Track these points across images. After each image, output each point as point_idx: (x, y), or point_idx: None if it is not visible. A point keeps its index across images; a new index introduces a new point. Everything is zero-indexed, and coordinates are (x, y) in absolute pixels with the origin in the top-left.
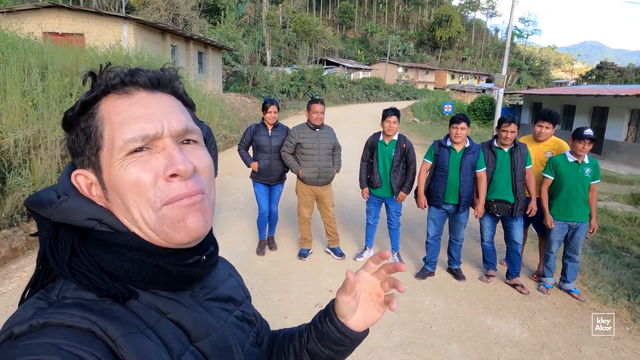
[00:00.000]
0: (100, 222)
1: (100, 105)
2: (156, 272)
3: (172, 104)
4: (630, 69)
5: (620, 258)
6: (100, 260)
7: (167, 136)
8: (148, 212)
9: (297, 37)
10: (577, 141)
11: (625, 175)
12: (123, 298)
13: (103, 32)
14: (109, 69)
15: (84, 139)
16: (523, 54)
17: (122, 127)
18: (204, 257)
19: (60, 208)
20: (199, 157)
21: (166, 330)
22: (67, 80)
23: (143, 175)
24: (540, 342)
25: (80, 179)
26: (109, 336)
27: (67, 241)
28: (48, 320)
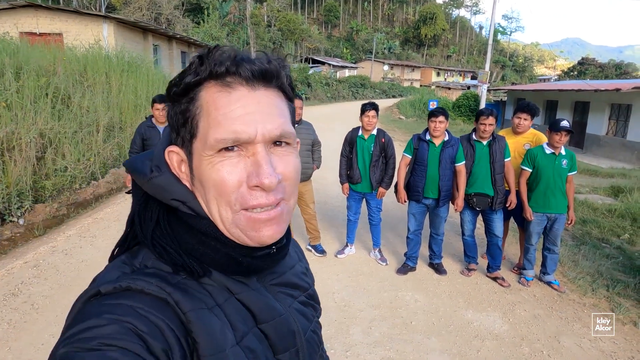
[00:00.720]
0: (184, 204)
1: (201, 91)
2: (227, 260)
3: (273, 104)
4: (610, 64)
5: (600, 249)
6: (179, 238)
7: (259, 142)
8: (226, 211)
9: (282, 36)
10: (554, 133)
11: (606, 168)
12: (197, 275)
13: (82, 31)
14: (216, 51)
15: (182, 121)
16: (507, 50)
17: (217, 125)
18: (274, 249)
19: (151, 183)
20: (287, 162)
21: (233, 309)
22: (43, 81)
23: (228, 178)
24: (519, 335)
25: (172, 155)
26: (180, 308)
27: (153, 213)
28: (130, 285)
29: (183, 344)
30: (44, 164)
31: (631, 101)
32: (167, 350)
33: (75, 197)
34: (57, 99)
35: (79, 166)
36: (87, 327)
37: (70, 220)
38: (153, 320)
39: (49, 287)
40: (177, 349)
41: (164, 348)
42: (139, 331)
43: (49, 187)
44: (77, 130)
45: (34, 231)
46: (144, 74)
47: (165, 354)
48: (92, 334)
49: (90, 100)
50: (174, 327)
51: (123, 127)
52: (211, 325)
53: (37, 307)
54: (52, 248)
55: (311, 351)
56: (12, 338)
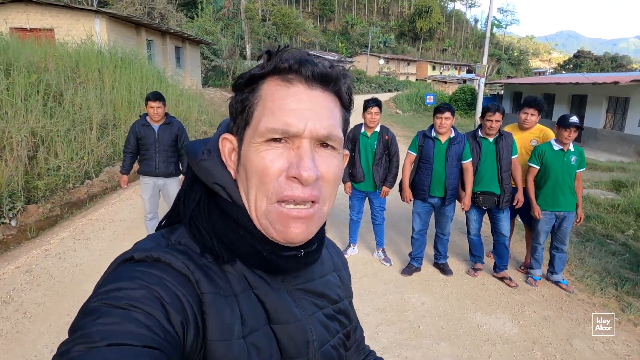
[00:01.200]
0: (224, 189)
1: (264, 84)
2: (253, 252)
3: (327, 105)
4: (606, 57)
5: (606, 246)
6: (214, 221)
7: (306, 137)
8: (262, 200)
9: (277, 30)
10: (562, 129)
11: (604, 162)
12: (222, 261)
13: (74, 26)
14: (285, 49)
15: (240, 109)
16: (502, 44)
17: (270, 115)
18: (302, 252)
19: (199, 165)
20: (329, 164)
21: (248, 303)
22: (34, 78)
23: (271, 166)
24: (530, 338)
25: (225, 142)
26: (200, 288)
27: (196, 194)
28: (160, 257)
29: (198, 321)
30: (36, 164)
31: (629, 94)
32: (184, 323)
33: (69, 197)
34: (48, 96)
35: (72, 165)
36: (118, 287)
37: (64, 221)
38: (177, 293)
39: (42, 294)
40: (192, 324)
41: (182, 321)
42: (164, 301)
43: (41, 187)
44: (69, 128)
45: (26, 233)
46: (137, 70)
47: (182, 326)
48: (122, 294)
49: (83, 97)
50: (193, 303)
51: (117, 125)
52: (223, 311)
53: (29, 315)
54: (45, 251)
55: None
56: (3, 350)
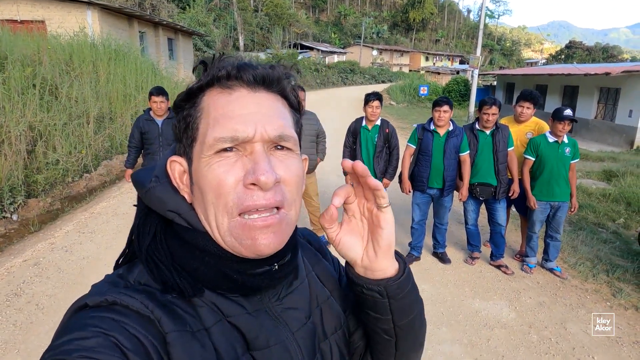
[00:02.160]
0: (180, 215)
1: (204, 96)
2: (219, 277)
3: (273, 106)
4: (597, 47)
5: (597, 234)
6: (174, 252)
7: (257, 141)
8: (223, 216)
9: (270, 21)
10: (557, 122)
11: (595, 152)
12: (187, 295)
13: (65, 18)
14: (221, 59)
15: (183, 127)
16: (495, 34)
17: (216, 124)
18: (276, 266)
19: (148, 194)
20: (287, 166)
21: (222, 334)
22: (29, 71)
23: (225, 177)
24: (527, 322)
25: (174, 165)
26: (162, 327)
27: (151, 226)
28: (116, 299)
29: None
30: (35, 158)
31: (619, 85)
32: None
33: (68, 191)
34: (44, 90)
35: (71, 159)
36: (70, 339)
37: (66, 215)
38: (138, 336)
39: (52, 286)
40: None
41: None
42: (122, 347)
43: (41, 181)
44: (67, 122)
45: (29, 227)
46: (132, 62)
47: None
48: (74, 345)
49: (79, 91)
50: (157, 345)
51: (113, 118)
52: (191, 349)
53: (42, 307)
54: (50, 245)
55: None
56: (20, 340)
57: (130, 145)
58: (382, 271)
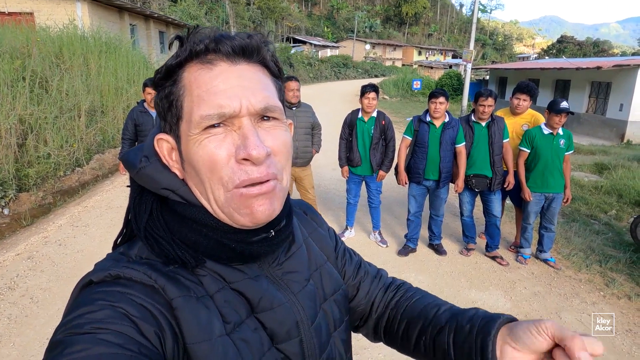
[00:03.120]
0: (174, 192)
1: (184, 72)
2: (219, 248)
3: (255, 78)
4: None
5: (590, 226)
6: (172, 227)
7: (244, 115)
8: (219, 190)
9: (262, 15)
10: (553, 114)
11: (587, 145)
12: (190, 266)
13: (54, 10)
14: (196, 32)
15: (167, 105)
16: (487, 29)
17: (200, 102)
18: (272, 233)
19: (140, 174)
20: (275, 136)
21: (226, 299)
22: (18, 63)
23: (217, 152)
24: (522, 312)
25: (162, 143)
26: (167, 294)
27: (147, 205)
28: (119, 273)
29: (174, 327)
30: (26, 151)
31: (610, 79)
32: (159, 333)
33: (60, 185)
34: (34, 83)
35: (63, 153)
36: (80, 314)
37: (58, 208)
38: (144, 304)
39: (47, 280)
40: (168, 332)
41: (156, 330)
42: (131, 315)
43: (32, 175)
44: (58, 115)
45: (21, 221)
46: (123, 55)
47: (157, 336)
48: (85, 319)
49: (69, 84)
50: (164, 311)
51: (105, 111)
52: (197, 313)
53: (36, 300)
54: (44, 239)
55: (321, 339)
56: (15, 333)
57: (124, 137)
58: None
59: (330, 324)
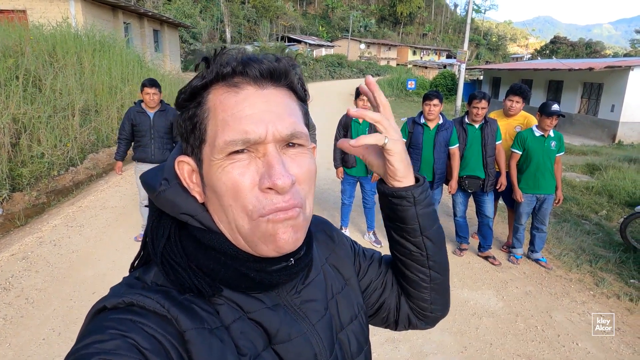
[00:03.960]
0: (194, 217)
1: (209, 94)
2: (237, 276)
3: (283, 102)
4: (580, 43)
5: (581, 226)
6: (190, 254)
7: (270, 142)
8: (243, 219)
9: (257, 13)
10: (545, 117)
11: (579, 146)
12: (206, 295)
13: (48, 8)
14: (222, 53)
15: (190, 127)
16: (481, 29)
17: (225, 127)
18: (292, 261)
19: (160, 198)
20: (300, 164)
21: (243, 330)
22: (11, 62)
23: (241, 179)
24: (514, 311)
25: (182, 165)
26: (180, 325)
27: (165, 229)
28: (133, 300)
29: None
30: (19, 151)
31: (602, 80)
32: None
33: (54, 185)
34: (27, 82)
35: (56, 152)
36: (89, 343)
37: (53, 208)
38: (156, 336)
39: (42, 280)
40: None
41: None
42: (141, 347)
43: (26, 174)
44: (51, 115)
45: (14, 221)
46: (117, 54)
47: None
48: (93, 349)
49: (63, 83)
50: (176, 344)
51: (99, 111)
52: (210, 347)
53: (32, 301)
54: (38, 239)
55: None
56: (11, 334)
57: (120, 137)
58: (406, 182)
59: (347, 354)
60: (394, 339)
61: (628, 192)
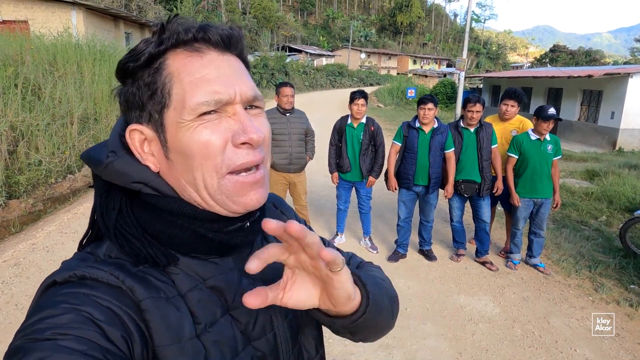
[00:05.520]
0: (146, 184)
1: (167, 60)
2: (196, 239)
3: (241, 68)
4: (580, 51)
5: (580, 231)
6: (144, 223)
7: (238, 102)
8: (212, 177)
9: (258, 24)
10: (541, 121)
11: (579, 153)
12: (161, 264)
13: (49, 19)
14: (177, 20)
15: (148, 94)
16: (481, 38)
17: (195, 89)
18: (248, 223)
19: (108, 169)
20: (262, 124)
21: (199, 298)
22: (10, 71)
23: (214, 139)
24: (511, 317)
25: (134, 134)
26: (136, 296)
27: (115, 201)
28: (85, 273)
29: (144, 330)
30: (17, 158)
31: (602, 87)
32: (126, 337)
33: (51, 192)
34: (27, 90)
35: (54, 160)
36: (41, 318)
37: (48, 215)
38: (111, 307)
39: (33, 286)
40: (137, 336)
41: (123, 334)
42: (96, 319)
43: (23, 182)
44: (50, 123)
45: (9, 228)
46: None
47: (124, 340)
48: (46, 324)
49: (62, 91)
50: (133, 314)
51: (98, 119)
52: (167, 315)
53: (21, 307)
54: (31, 245)
55: (293, 334)
56: None
57: None
58: (343, 310)
59: (300, 322)
60: (387, 345)
61: (628, 197)
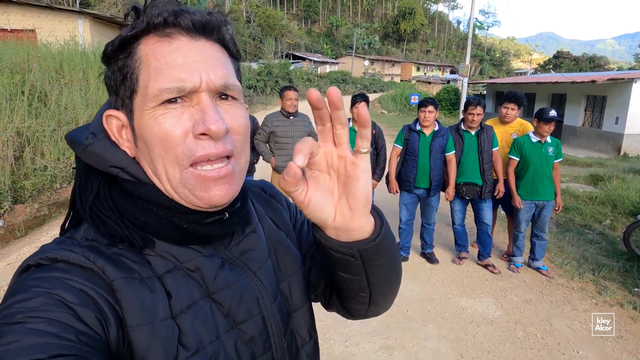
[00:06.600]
0: (123, 170)
1: (140, 44)
2: (171, 228)
3: (215, 55)
4: (584, 57)
5: (584, 235)
6: (121, 207)
7: (203, 90)
8: (173, 169)
9: (262, 32)
10: (543, 123)
11: (583, 158)
12: (137, 246)
13: (56, 27)
14: (153, 4)
15: (120, 78)
16: (484, 45)
17: (158, 75)
18: (226, 215)
19: (87, 151)
20: (234, 115)
21: (177, 279)
22: (17, 78)
23: (173, 129)
24: (513, 319)
25: (111, 120)
26: (107, 276)
27: (94, 184)
28: (57, 255)
29: (118, 311)
30: (23, 164)
31: (606, 92)
32: (100, 318)
33: (56, 197)
34: (33, 97)
35: (59, 165)
36: (12, 302)
37: (53, 220)
38: (83, 289)
39: None
40: (111, 317)
41: (97, 316)
42: (68, 302)
43: (28, 187)
44: (55, 129)
45: (15, 232)
46: None
47: (98, 322)
48: (16, 308)
49: (68, 98)
50: (106, 295)
51: None
52: (139, 295)
53: None
54: (36, 249)
55: (283, 319)
56: None
57: None
58: (358, 231)
59: (290, 304)
60: (388, 347)
61: (632, 201)
